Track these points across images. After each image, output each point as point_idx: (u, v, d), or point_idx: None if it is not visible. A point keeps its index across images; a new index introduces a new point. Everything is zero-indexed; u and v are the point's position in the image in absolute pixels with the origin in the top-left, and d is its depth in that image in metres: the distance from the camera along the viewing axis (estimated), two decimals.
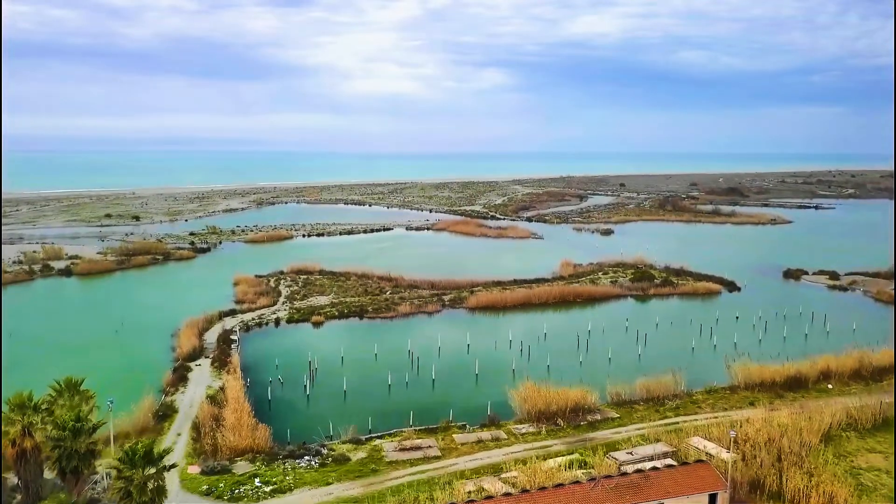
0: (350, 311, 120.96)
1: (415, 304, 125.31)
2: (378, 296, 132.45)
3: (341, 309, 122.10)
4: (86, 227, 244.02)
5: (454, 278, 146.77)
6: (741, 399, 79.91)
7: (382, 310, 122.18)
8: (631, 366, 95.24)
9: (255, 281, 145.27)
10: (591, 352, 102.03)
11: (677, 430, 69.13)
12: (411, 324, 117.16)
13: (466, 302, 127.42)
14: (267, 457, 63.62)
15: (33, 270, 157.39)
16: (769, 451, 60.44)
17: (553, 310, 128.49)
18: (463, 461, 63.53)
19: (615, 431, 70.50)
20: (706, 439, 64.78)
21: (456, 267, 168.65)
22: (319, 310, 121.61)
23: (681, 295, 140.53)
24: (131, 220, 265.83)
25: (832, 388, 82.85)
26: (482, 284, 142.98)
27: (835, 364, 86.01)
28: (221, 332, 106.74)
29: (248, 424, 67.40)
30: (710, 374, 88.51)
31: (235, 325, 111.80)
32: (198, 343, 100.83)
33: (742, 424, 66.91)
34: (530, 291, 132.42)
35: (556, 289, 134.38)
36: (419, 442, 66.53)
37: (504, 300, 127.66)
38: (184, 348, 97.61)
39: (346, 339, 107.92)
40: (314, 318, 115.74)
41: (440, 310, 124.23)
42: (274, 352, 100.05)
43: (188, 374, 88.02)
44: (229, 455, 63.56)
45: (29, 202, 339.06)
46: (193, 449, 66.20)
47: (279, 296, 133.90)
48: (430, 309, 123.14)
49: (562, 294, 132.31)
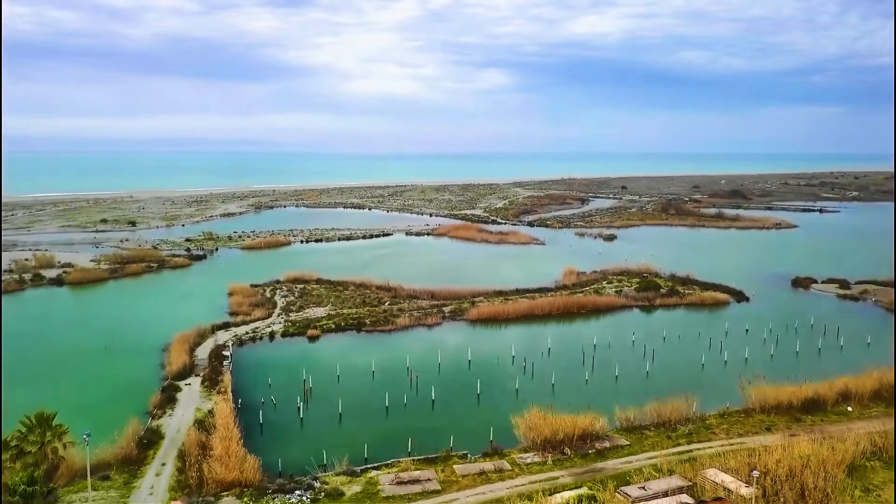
0: (347, 324, 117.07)
1: (414, 316, 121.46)
2: (376, 307, 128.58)
3: (338, 321, 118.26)
4: (81, 233, 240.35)
5: (454, 288, 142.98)
6: (757, 423, 76.00)
7: (381, 322, 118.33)
8: (639, 385, 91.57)
9: (250, 291, 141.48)
10: (598, 368, 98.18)
11: (691, 459, 65.23)
12: (410, 337, 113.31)
13: (467, 314, 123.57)
14: (256, 491, 59.74)
15: (24, 280, 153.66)
16: (791, 487, 56.59)
17: (556, 321, 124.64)
18: (464, 496, 59.68)
19: (626, 461, 66.61)
20: (723, 471, 60.93)
21: (456, 275, 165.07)
22: (316, 322, 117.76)
23: (688, 306, 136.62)
24: (127, 226, 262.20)
25: (852, 412, 78.97)
26: (483, 294, 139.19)
27: (854, 385, 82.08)
28: (214, 348, 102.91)
29: (236, 454, 63.56)
30: (722, 394, 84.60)
31: (228, 340, 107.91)
32: (188, 360, 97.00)
33: (760, 454, 63.02)
34: (533, 302, 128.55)
35: (560, 300, 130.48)
36: (417, 474, 62.65)
37: (506, 312, 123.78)
38: (174, 365, 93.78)
39: (343, 354, 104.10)
40: (310, 332, 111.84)
41: (440, 322, 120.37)
42: (267, 369, 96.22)
43: (177, 395, 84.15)
44: (216, 489, 59.71)
45: (25, 206, 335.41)
46: (178, 482, 62.31)
47: (275, 307, 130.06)
48: (429, 321, 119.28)
49: (565, 305, 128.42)
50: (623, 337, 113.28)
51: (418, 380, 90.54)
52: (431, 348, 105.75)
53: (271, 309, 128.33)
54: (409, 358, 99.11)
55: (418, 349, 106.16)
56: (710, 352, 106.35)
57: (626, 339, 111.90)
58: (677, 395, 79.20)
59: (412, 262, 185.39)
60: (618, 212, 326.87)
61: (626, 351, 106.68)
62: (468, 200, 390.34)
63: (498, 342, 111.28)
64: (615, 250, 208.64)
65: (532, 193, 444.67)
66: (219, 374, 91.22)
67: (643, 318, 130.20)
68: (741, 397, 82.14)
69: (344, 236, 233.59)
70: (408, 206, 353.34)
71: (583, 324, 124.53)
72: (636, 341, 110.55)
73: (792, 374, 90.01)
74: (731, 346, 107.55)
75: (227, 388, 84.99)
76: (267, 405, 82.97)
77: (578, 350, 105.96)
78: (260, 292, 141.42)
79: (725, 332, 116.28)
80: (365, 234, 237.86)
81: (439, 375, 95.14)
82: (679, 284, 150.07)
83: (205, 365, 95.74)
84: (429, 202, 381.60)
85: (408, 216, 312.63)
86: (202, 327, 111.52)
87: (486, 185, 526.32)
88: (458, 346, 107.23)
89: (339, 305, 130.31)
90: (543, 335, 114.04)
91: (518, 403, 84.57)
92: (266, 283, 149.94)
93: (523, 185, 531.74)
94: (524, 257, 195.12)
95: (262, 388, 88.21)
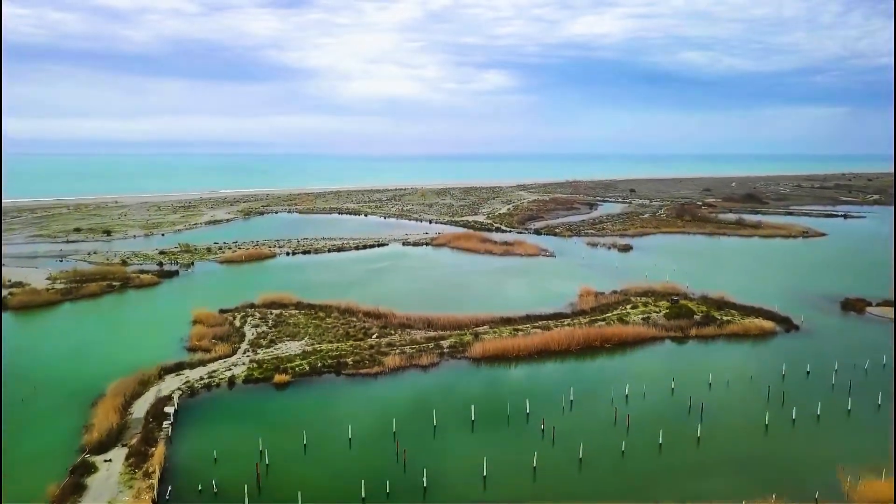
0: (325, 365, 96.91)
1: (406, 353, 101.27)
2: (361, 340, 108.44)
3: (314, 361, 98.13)
4: (49, 244, 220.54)
5: (454, 314, 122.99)
6: None
7: (365, 362, 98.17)
8: (691, 457, 71.59)
9: (216, 318, 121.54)
10: (635, 430, 77.95)
11: None
12: (401, 383, 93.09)
13: (470, 350, 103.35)
14: None
15: None
16: None
17: (576, 359, 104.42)
18: None
19: None
20: None
21: (457, 295, 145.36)
22: (287, 362, 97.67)
23: (728, 337, 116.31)
24: (101, 235, 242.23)
25: None
26: (488, 322, 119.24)
27: None
28: (155, 402, 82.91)
29: None
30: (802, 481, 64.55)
31: (176, 390, 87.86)
32: (119, 420, 77.15)
33: None
34: (548, 335, 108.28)
35: (580, 331, 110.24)
36: None
37: (516, 347, 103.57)
38: (98, 429, 73.90)
39: (316, 410, 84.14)
40: (278, 378, 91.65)
41: (437, 362, 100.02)
42: (218, 434, 76.30)
43: (88, 480, 64.11)
44: None
45: None
46: None
47: (242, 339, 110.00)
48: (424, 361, 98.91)
49: (586, 338, 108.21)
50: (659, 381, 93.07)
51: (407, 456, 70.30)
52: (425, 400, 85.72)
53: (237, 342, 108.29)
54: (398, 416, 79.18)
55: (409, 401, 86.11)
56: (768, 403, 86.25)
57: (663, 384, 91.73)
58: (742, 478, 59.27)
59: (408, 278, 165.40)
60: (630, 217, 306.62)
61: (665, 403, 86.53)
62: (470, 205, 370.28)
63: (507, 390, 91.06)
64: (632, 263, 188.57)
65: (537, 197, 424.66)
66: (152, 443, 71.28)
67: (678, 352, 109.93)
68: (840, 490, 61.87)
69: (334, 247, 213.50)
70: (406, 212, 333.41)
71: (608, 361, 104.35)
72: (676, 388, 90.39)
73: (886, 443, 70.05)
74: (794, 397, 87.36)
75: (157, 469, 65.01)
76: (205, 495, 62.99)
77: (606, 401, 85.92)
78: (228, 320, 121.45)
79: (782, 374, 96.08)
80: (358, 245, 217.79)
81: (434, 441, 75.29)
82: (714, 309, 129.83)
83: (139, 426, 75.94)
84: (429, 207, 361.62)
85: (406, 223, 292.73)
86: (146, 372, 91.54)
87: (488, 188, 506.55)
88: (459, 398, 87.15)
89: (318, 338, 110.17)
90: (563, 380, 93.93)
91: (537, 488, 64.84)
92: (237, 308, 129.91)
93: (527, 188, 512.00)
94: (533, 272, 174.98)
95: (206, 466, 68.26)
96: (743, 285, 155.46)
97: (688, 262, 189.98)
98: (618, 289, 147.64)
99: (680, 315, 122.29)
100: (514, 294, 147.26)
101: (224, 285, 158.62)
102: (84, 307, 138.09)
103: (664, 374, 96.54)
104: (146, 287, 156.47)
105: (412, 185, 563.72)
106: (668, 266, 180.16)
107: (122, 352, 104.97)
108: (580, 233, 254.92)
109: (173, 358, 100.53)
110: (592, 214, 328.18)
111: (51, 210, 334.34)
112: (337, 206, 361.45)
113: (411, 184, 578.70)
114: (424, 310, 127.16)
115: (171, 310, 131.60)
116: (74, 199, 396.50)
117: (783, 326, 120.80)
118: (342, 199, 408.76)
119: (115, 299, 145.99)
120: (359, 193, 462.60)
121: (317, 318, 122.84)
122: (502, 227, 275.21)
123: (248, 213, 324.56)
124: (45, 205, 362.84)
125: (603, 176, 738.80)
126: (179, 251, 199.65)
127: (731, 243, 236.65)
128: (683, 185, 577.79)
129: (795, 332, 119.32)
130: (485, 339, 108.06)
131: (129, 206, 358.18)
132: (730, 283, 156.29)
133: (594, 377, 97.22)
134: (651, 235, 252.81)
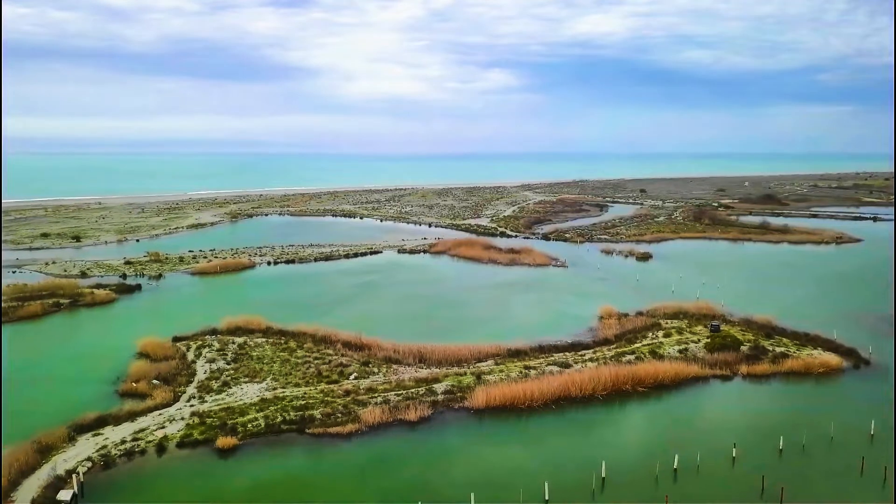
0: (286, 421, 76.24)
1: (390, 403, 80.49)
2: (336, 383, 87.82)
3: (273, 415, 77.48)
4: (9, 252, 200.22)
5: (452, 344, 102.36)
6: None
7: (338, 415, 77.50)
8: None
9: (166, 350, 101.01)
10: None
11: None
12: (381, 447, 72.26)
13: (470, 398, 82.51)
14: None
15: None
16: None
17: (603, 407, 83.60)
18: None
19: None
20: None
21: (456, 316, 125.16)
22: (238, 416, 77.12)
23: (786, 375, 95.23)
24: (70, 241, 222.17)
25: None
26: (493, 355, 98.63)
27: None
28: (48, 482, 62.42)
29: None
30: None
31: (84, 461, 67.32)
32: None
33: None
34: (567, 377, 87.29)
35: (605, 370, 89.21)
36: None
37: (528, 394, 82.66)
38: None
39: (268, 485, 63.62)
40: (222, 441, 71.01)
41: (429, 415, 79.16)
42: None
43: None
44: None
45: None
46: None
47: (191, 380, 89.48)
48: (412, 415, 77.91)
49: (615, 380, 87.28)
50: (714, 445, 72.04)
51: None
52: (411, 475, 65.11)
53: (184, 384, 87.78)
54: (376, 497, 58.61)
55: (390, 475, 65.46)
56: (862, 476, 65.47)
57: (721, 449, 70.73)
58: None
59: (400, 295, 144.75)
60: (644, 220, 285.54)
61: (728, 481, 65.67)
62: (473, 206, 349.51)
63: (517, 463, 70.23)
64: (654, 275, 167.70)
65: (543, 198, 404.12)
66: None
67: (728, 397, 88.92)
68: None
69: (322, 256, 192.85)
70: (405, 215, 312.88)
71: (643, 412, 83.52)
72: (739, 457, 69.47)
73: None
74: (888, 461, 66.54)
75: None
76: None
77: (649, 478, 65.19)
78: (180, 352, 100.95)
79: (870, 433, 75.13)
80: (348, 253, 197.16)
81: None
82: (762, 336, 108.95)
83: None
84: (429, 209, 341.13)
85: (404, 226, 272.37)
86: (50, 434, 71.02)
87: (492, 188, 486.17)
88: (456, 474, 66.47)
89: (284, 379, 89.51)
90: (589, 443, 73.28)
91: None
92: (195, 335, 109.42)
93: (532, 189, 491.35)
94: (543, 286, 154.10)
95: None
96: (785, 303, 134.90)
97: (716, 273, 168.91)
98: (643, 309, 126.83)
99: (724, 346, 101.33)
100: (523, 316, 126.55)
101: (189, 303, 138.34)
102: (15, 332, 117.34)
103: (718, 431, 75.68)
104: (99, 305, 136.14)
105: (412, 185, 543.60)
106: (694, 279, 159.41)
107: (36, 399, 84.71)
108: (592, 238, 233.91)
109: (98, 407, 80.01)
110: (603, 217, 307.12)
111: (27, 212, 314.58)
112: (332, 208, 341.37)
113: (412, 184, 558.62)
114: (416, 337, 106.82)
115: (118, 336, 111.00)
116: (56, 201, 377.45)
117: (850, 360, 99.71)
118: (338, 201, 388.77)
119: (58, 322, 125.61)
120: (356, 194, 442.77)
121: (286, 348, 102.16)
122: (507, 231, 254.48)
123: (235, 216, 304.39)
124: (22, 206, 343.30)
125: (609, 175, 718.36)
126: (148, 261, 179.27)
127: (758, 250, 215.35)
128: (694, 184, 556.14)
129: (865, 368, 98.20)
130: (489, 382, 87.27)
131: (111, 208, 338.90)
132: (769, 301, 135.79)
133: (629, 438, 76.29)
134: (670, 241, 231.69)
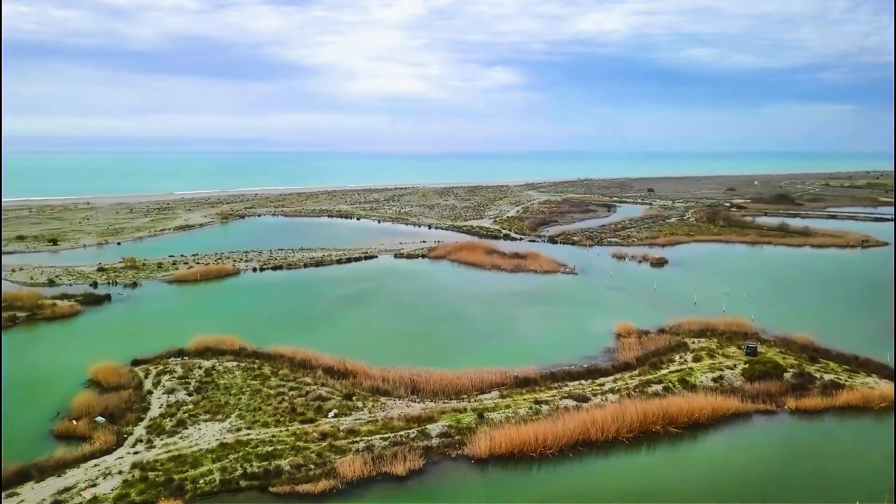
0: (245, 475, 62.51)
1: (373, 451, 66.76)
2: (312, 422, 74.13)
3: (230, 468, 63.76)
4: None
5: (450, 371, 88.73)
6: None
7: (309, 468, 63.81)
8: None
9: (120, 376, 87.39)
10: None
11: None
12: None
13: (471, 443, 68.71)
14: None
15: None
16: None
17: (628, 454, 69.90)
18: None
19: None
20: None
21: (455, 335, 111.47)
22: (190, 467, 63.49)
23: (841, 410, 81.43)
24: (46, 244, 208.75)
25: None
26: (497, 384, 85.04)
27: None
28: None
29: None
30: None
31: None
32: None
33: None
34: (586, 416, 73.40)
35: (631, 408, 75.16)
36: None
37: (540, 440, 68.78)
38: None
39: None
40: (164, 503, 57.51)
41: (420, 467, 65.36)
42: None
43: None
44: None
45: None
46: None
47: (142, 417, 75.88)
48: (399, 468, 64.10)
49: (642, 419, 73.49)
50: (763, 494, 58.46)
51: None
52: None
53: (133, 423, 74.21)
54: None
55: None
56: None
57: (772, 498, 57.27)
58: None
59: (393, 307, 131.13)
60: (655, 222, 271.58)
61: None
62: (475, 207, 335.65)
63: None
64: (672, 283, 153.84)
65: (548, 197, 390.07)
66: None
67: (776, 441, 74.92)
68: None
69: (312, 261, 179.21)
70: (404, 215, 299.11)
71: (674, 459, 69.73)
72: None
73: None
74: None
75: None
76: None
77: None
78: (136, 379, 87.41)
79: None
80: (340, 258, 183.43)
81: None
82: (806, 360, 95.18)
83: None
84: (429, 209, 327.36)
85: (402, 228, 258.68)
86: None
87: (495, 188, 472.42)
88: None
89: (251, 416, 75.84)
90: (614, 496, 59.54)
91: None
92: (158, 357, 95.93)
93: (536, 188, 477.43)
94: (552, 297, 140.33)
95: None
96: (821, 318, 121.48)
97: (739, 281, 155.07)
98: (665, 325, 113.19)
99: (765, 374, 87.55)
100: (531, 333, 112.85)
101: (160, 317, 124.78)
102: None
103: (766, 480, 61.93)
104: (60, 319, 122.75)
105: (413, 184, 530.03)
106: (716, 287, 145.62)
107: None
108: (602, 241, 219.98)
109: (24, 454, 66.55)
110: (611, 218, 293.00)
111: (9, 213, 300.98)
112: (328, 209, 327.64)
113: (412, 183, 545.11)
114: (409, 359, 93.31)
115: (72, 358, 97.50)
116: (42, 200, 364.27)
117: None
118: (336, 200, 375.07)
119: (10, 339, 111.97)
120: (355, 193, 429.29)
121: (259, 375, 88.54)
122: (511, 233, 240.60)
123: (226, 217, 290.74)
124: (7, 206, 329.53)
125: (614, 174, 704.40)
126: (123, 267, 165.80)
127: (780, 255, 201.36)
128: (702, 183, 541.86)
129: None
130: (492, 421, 73.57)
131: (98, 208, 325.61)
132: (804, 315, 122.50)
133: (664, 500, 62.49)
134: (684, 244, 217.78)
